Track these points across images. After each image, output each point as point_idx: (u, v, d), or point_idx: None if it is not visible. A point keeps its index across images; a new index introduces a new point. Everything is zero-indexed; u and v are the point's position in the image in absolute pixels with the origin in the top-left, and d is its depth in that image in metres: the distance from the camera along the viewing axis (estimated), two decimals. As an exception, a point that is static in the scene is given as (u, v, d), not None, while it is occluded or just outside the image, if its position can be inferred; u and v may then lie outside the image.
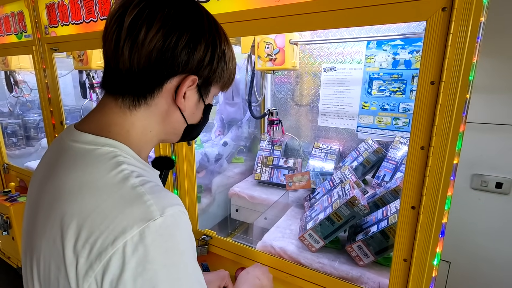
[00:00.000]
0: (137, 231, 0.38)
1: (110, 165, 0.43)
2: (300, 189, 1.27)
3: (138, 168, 0.46)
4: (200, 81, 0.50)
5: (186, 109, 0.51)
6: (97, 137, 0.46)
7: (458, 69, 0.58)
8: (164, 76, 0.47)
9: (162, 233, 0.39)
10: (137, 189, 0.41)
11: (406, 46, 1.28)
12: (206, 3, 0.86)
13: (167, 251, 0.39)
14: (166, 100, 0.49)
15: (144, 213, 0.39)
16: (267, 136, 1.64)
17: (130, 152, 0.48)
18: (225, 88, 0.57)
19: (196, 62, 0.47)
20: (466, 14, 0.56)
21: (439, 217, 0.66)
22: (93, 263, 0.38)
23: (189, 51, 0.46)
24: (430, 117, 0.63)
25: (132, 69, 0.45)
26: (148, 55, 0.44)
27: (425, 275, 0.70)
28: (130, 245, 0.37)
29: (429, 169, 0.64)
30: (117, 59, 0.45)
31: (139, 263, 0.37)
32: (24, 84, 2.06)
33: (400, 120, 1.37)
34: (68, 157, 0.46)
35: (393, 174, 1.30)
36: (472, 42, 0.57)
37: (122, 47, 0.44)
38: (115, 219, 0.38)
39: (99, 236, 0.38)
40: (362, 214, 0.91)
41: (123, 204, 0.40)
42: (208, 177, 1.56)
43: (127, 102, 0.48)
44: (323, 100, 1.56)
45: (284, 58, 1.22)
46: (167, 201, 0.42)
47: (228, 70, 0.53)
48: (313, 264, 0.94)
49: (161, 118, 0.50)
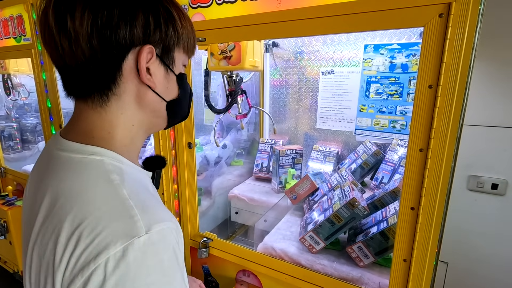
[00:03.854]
0: (120, 247, 0.37)
1: (98, 175, 0.43)
2: (307, 195, 1.27)
3: (127, 174, 0.45)
4: (159, 50, 0.47)
5: (156, 85, 0.48)
6: (82, 145, 0.45)
7: (455, 73, 0.60)
8: (116, 56, 0.44)
9: (145, 250, 0.38)
10: (125, 202, 0.40)
11: (402, 50, 1.30)
12: (207, 8, 0.88)
13: (150, 270, 0.38)
14: (132, 83, 0.46)
15: (130, 229, 0.38)
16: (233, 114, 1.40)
17: (118, 158, 0.46)
18: (190, 52, 0.54)
19: (142, 30, 0.44)
20: (463, 20, 0.58)
21: (438, 217, 0.67)
22: (75, 277, 0.37)
23: (128, 21, 0.42)
24: (428, 120, 0.64)
25: (80, 61, 0.43)
26: (88, 41, 0.41)
27: (425, 275, 0.71)
28: (112, 262, 0.37)
29: (427, 171, 0.66)
30: (62, 57, 0.43)
31: (118, 281, 0.36)
32: (22, 87, 2.05)
33: (398, 123, 1.39)
34: (57, 166, 0.45)
35: (391, 176, 1.32)
36: (469, 47, 0.59)
37: (60, 43, 0.42)
38: (101, 233, 0.38)
39: (84, 250, 0.37)
40: (362, 216, 0.92)
41: (110, 217, 0.39)
42: (208, 179, 1.56)
43: (96, 100, 0.46)
44: (321, 103, 1.58)
45: (241, 55, 1.02)
46: (155, 217, 0.40)
47: (184, 29, 0.49)
48: (314, 265, 0.95)
49: (136, 105, 0.48)
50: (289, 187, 1.33)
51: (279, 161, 1.48)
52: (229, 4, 0.84)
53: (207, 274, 1.07)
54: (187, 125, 1.01)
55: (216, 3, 0.86)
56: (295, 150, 1.51)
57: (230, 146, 1.68)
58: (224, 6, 0.85)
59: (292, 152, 1.50)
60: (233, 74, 1.20)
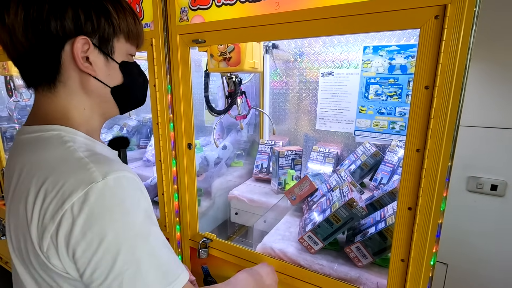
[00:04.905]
0: (82, 193, 0.43)
1: (56, 145, 0.49)
2: (306, 195, 1.28)
3: (83, 143, 0.51)
4: (96, 40, 0.51)
5: (97, 73, 0.53)
6: (40, 126, 0.51)
7: (451, 74, 0.61)
8: (52, 47, 0.48)
9: (104, 193, 0.44)
10: (81, 160, 0.46)
11: (401, 52, 1.30)
12: (207, 10, 0.89)
13: (111, 207, 0.44)
14: (74, 71, 0.51)
15: (88, 178, 0.44)
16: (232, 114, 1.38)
17: (73, 131, 0.52)
18: (134, 42, 0.57)
19: (72, 23, 0.48)
20: (458, 21, 0.58)
21: (435, 217, 0.68)
22: (47, 224, 0.43)
23: (58, 15, 0.47)
24: (425, 121, 0.65)
25: (21, 53, 0.48)
26: (23, 34, 0.46)
27: (423, 275, 0.72)
28: (76, 205, 0.42)
29: (425, 171, 0.66)
30: (8, 50, 0.49)
31: (86, 219, 0.42)
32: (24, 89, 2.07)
33: (397, 124, 1.39)
34: (20, 147, 0.51)
35: (390, 177, 1.32)
36: (464, 48, 0.59)
37: (2, 36, 0.48)
38: (63, 186, 0.43)
39: (51, 202, 0.43)
40: (360, 216, 0.93)
41: (68, 173, 0.45)
42: (207, 180, 1.57)
43: (46, 88, 0.52)
44: (321, 104, 1.58)
45: (240, 57, 1.04)
46: (110, 168, 0.46)
47: (122, 21, 0.53)
48: (313, 265, 0.95)
49: (82, 91, 0.53)
50: (288, 188, 1.33)
51: (279, 162, 1.49)
52: (228, 6, 0.85)
53: (207, 274, 1.07)
54: (186, 126, 1.02)
55: (215, 5, 0.87)
56: (295, 151, 1.52)
57: (230, 147, 1.68)
58: (224, 8, 0.86)
59: (292, 153, 1.51)
60: (233, 75, 1.21)
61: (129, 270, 0.44)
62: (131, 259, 0.44)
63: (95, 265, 0.43)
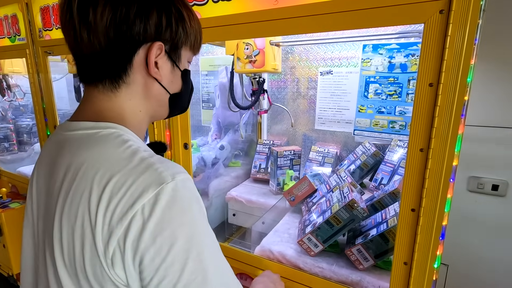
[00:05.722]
0: (152, 194, 0.40)
1: (117, 143, 0.46)
2: (305, 196, 1.25)
3: (142, 145, 0.49)
4: (167, 47, 0.51)
5: (162, 79, 0.53)
6: (96, 122, 0.48)
7: (456, 71, 0.59)
8: (128, 49, 0.48)
9: (174, 194, 0.42)
10: (146, 160, 0.44)
11: (401, 50, 1.29)
12: (203, 6, 0.86)
13: (182, 211, 0.42)
14: (141, 74, 0.51)
15: (158, 179, 0.42)
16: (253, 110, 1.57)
17: (130, 132, 0.50)
18: (195, 50, 0.58)
19: (154, 28, 0.48)
20: (464, 16, 0.56)
21: (439, 219, 0.66)
22: (114, 227, 0.40)
23: (143, 18, 0.47)
24: (429, 119, 0.63)
25: (96, 51, 0.47)
26: (105, 33, 0.45)
27: (426, 279, 0.69)
28: (147, 207, 0.40)
29: (428, 171, 0.64)
30: (80, 46, 0.47)
31: (157, 223, 0.40)
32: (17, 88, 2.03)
33: (397, 123, 1.37)
34: (72, 144, 0.48)
35: (390, 177, 1.30)
36: (470, 44, 0.57)
37: (79, 33, 0.46)
38: (131, 186, 0.41)
39: (118, 203, 0.40)
40: (361, 217, 0.91)
41: (136, 173, 0.42)
42: (205, 181, 1.54)
43: (107, 86, 0.50)
44: (319, 103, 1.56)
45: (264, 60, 1.17)
46: (175, 169, 0.44)
47: (192, 29, 0.54)
48: (312, 268, 0.93)
49: (144, 94, 0.52)
50: (287, 189, 1.31)
51: (277, 162, 1.46)
52: (225, 2, 0.82)
53: None
54: (183, 125, 0.99)
55: (212, 1, 0.84)
56: (293, 151, 1.49)
57: (227, 147, 1.66)
58: (220, 4, 0.83)
59: (290, 153, 1.49)
60: (257, 75, 1.34)
61: (196, 279, 0.42)
62: (198, 268, 0.42)
63: (164, 274, 0.40)
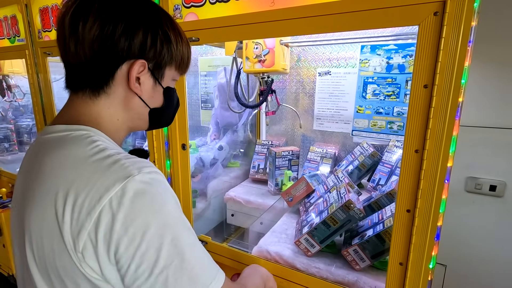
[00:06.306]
0: (119, 187, 0.42)
1: (85, 143, 0.47)
2: (303, 197, 1.25)
3: (113, 146, 0.50)
4: (151, 65, 0.53)
5: (143, 93, 0.54)
6: (68, 125, 0.50)
7: (451, 72, 0.59)
8: (112, 63, 0.50)
9: (142, 187, 0.43)
10: (113, 156, 0.45)
11: (399, 51, 1.29)
12: (201, 7, 0.86)
13: (152, 200, 0.44)
14: (122, 87, 0.52)
15: (123, 173, 0.43)
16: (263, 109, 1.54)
17: (103, 135, 0.51)
18: (182, 70, 0.60)
19: (138, 47, 0.50)
20: (458, 18, 0.57)
21: (434, 220, 0.66)
22: (84, 222, 0.41)
23: (128, 37, 0.49)
24: (424, 120, 0.63)
25: (81, 61, 0.49)
26: (91, 46, 0.48)
27: (421, 279, 0.70)
28: (115, 200, 0.41)
29: (423, 172, 0.64)
30: (67, 55, 0.50)
31: (127, 214, 0.41)
32: (17, 89, 2.04)
33: (395, 124, 1.38)
34: (46, 146, 0.49)
35: (388, 178, 1.30)
36: (464, 46, 0.57)
37: (68, 43, 0.49)
38: (97, 181, 0.42)
39: (85, 198, 0.42)
40: (357, 218, 0.91)
41: (102, 169, 0.44)
42: (203, 181, 1.55)
43: (87, 94, 0.52)
44: (318, 104, 1.57)
45: (274, 59, 1.16)
46: (142, 164, 0.46)
47: (178, 51, 0.56)
48: (309, 268, 0.93)
49: (123, 105, 0.54)
50: (285, 189, 1.31)
51: (275, 162, 1.47)
52: (222, 3, 0.83)
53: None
54: (180, 126, 1.00)
55: (209, 2, 0.85)
56: (292, 152, 1.50)
57: (226, 147, 1.66)
58: (218, 6, 0.84)
59: (289, 153, 1.49)
60: (265, 75, 1.32)
61: (173, 263, 0.43)
62: (174, 252, 0.44)
63: (140, 260, 0.42)
